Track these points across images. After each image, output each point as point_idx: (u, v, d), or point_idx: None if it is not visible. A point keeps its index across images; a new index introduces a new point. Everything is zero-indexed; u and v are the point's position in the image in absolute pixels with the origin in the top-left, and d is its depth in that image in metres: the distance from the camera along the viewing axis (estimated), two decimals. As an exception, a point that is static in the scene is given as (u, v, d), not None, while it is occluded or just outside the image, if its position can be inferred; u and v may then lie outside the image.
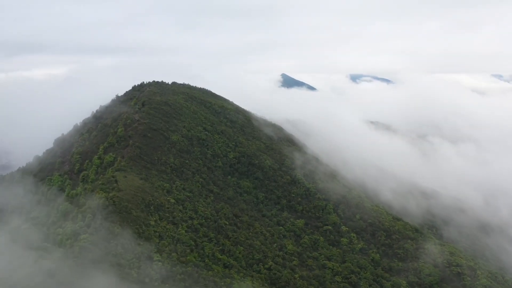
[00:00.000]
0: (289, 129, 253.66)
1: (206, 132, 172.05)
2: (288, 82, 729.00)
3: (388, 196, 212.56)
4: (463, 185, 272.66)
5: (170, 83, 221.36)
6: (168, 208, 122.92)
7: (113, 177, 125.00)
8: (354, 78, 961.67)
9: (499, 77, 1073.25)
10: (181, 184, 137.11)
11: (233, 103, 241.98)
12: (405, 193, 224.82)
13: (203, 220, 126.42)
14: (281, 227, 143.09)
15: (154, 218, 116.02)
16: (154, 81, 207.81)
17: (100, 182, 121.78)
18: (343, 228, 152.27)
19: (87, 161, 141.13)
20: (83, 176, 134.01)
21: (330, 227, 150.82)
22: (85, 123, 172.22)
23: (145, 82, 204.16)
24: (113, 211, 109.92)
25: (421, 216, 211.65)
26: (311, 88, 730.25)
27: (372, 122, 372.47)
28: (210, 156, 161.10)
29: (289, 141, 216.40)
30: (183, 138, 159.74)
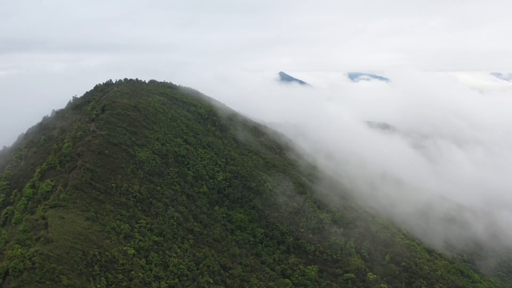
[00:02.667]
0: (288, 133, 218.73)
1: (188, 146, 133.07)
2: (286, 80, 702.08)
3: (410, 218, 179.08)
4: (488, 199, 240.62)
5: (147, 81, 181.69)
6: (123, 264, 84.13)
7: (43, 218, 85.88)
8: (353, 76, 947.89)
9: (498, 75, 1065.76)
10: (147, 224, 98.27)
11: (225, 105, 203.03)
12: (427, 211, 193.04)
13: (176, 280, 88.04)
14: (287, 280, 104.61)
15: (99, 286, 76.76)
16: (125, 79, 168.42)
17: (20, 228, 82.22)
18: (370, 275, 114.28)
19: (15, 190, 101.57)
20: (5, 214, 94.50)
21: (352, 275, 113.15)
22: (27, 134, 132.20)
23: (113, 80, 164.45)
24: (30, 280, 70.67)
25: (451, 242, 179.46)
26: (309, 86, 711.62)
27: (373, 123, 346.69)
28: (191, 179, 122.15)
29: (294, 153, 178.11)
30: (154, 155, 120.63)
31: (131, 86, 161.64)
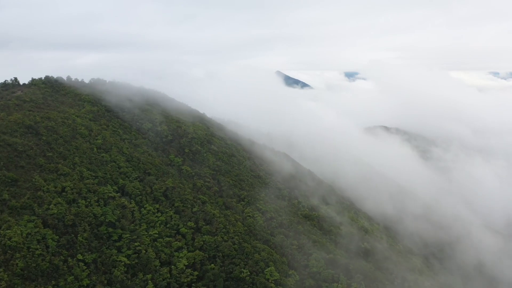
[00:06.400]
0: (287, 147, 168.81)
1: (124, 201, 74.02)
2: (283, 80, 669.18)
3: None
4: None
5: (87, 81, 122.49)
6: None
7: None
8: (349, 75, 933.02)
9: (496, 74, 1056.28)
10: None
11: (205, 115, 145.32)
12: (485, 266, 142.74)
13: None
14: None
15: None
16: (47, 77, 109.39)
17: None
18: None
19: None
20: None
21: None
22: None
23: (20, 82, 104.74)
24: None
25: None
26: (307, 86, 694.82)
27: (374, 128, 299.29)
28: (123, 274, 63.18)
29: (304, 183, 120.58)
30: (46, 230, 61.33)
31: (49, 90, 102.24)
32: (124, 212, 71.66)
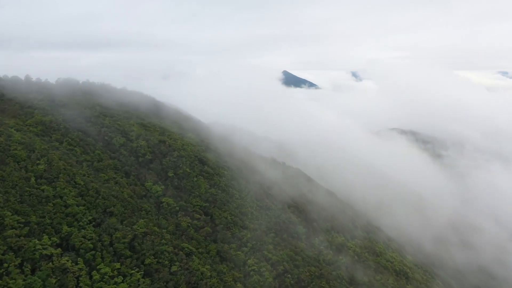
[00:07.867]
0: (295, 157, 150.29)
1: (67, 261, 49.45)
2: (290, 80, 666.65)
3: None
4: None
5: (53, 81, 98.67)
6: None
7: None
8: (357, 75, 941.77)
9: (504, 73, 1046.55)
10: None
11: (200, 122, 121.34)
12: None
13: None
14: None
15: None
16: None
17: None
18: None
19: None
20: None
21: None
22: None
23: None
24: None
25: None
26: (313, 85, 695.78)
27: (382, 133, 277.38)
28: None
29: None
30: None
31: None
32: (63, 281, 47.51)
